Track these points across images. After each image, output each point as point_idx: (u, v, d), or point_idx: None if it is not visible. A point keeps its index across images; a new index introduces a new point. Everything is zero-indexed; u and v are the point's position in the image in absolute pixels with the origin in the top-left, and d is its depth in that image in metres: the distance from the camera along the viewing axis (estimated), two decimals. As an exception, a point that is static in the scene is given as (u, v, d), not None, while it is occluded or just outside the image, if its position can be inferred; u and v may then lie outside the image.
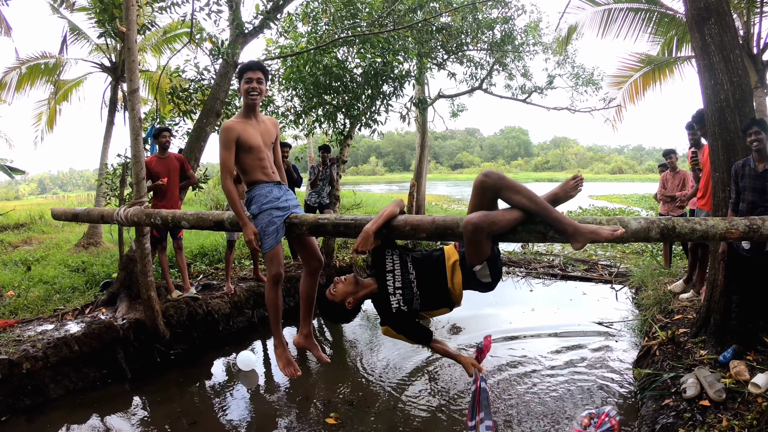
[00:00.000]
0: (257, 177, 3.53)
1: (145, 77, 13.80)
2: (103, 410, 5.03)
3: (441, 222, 2.93)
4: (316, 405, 5.08)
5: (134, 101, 5.48)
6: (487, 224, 2.65)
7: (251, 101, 3.55)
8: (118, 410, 5.06)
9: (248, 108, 3.59)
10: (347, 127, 10.26)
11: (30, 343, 5.36)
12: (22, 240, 12.99)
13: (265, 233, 3.40)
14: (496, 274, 2.98)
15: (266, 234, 3.40)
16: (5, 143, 17.19)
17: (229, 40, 7.61)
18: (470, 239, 2.70)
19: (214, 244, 9.77)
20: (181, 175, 6.95)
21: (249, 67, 3.57)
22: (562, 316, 7.49)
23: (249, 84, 3.52)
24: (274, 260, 3.44)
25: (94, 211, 5.30)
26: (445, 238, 3.02)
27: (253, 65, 3.57)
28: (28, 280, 7.92)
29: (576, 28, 10.27)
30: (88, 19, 12.27)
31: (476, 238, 2.67)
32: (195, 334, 6.74)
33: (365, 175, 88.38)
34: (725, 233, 2.73)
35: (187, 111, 8.26)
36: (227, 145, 3.44)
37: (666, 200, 8.10)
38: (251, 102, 3.56)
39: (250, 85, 3.51)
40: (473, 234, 2.66)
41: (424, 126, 17.14)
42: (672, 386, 4.35)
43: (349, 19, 9.58)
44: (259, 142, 3.54)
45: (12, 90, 12.72)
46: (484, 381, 3.08)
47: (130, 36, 5.41)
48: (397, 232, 3.00)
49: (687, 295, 6.41)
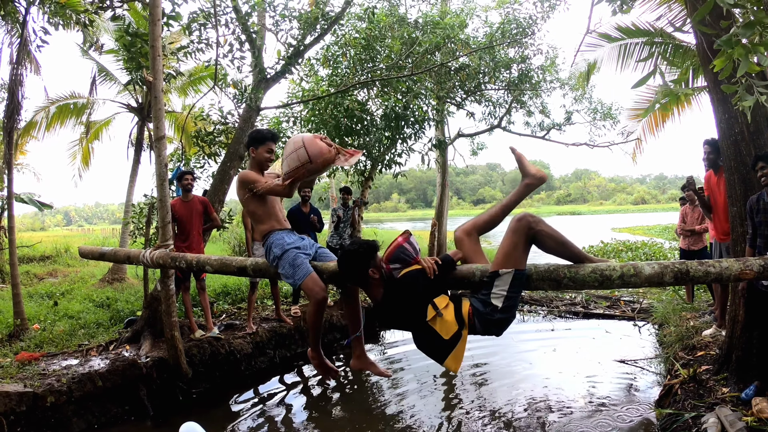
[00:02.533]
0: (271, 226, 3.73)
1: (170, 118, 14.15)
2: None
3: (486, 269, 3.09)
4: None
5: (161, 147, 5.66)
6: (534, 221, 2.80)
7: (267, 167, 3.96)
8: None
9: (262, 167, 3.93)
10: (368, 169, 10.40)
11: (55, 377, 5.47)
12: (48, 272, 13.19)
13: (294, 266, 3.50)
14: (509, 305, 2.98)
15: (296, 267, 3.50)
16: (33, 177, 17.64)
17: (251, 85, 7.84)
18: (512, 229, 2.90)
19: (237, 284, 9.87)
20: (205, 218, 7.12)
21: (274, 139, 3.97)
22: (583, 355, 7.42)
23: (270, 155, 3.91)
24: (313, 288, 3.49)
25: (121, 252, 5.45)
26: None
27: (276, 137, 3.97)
28: (53, 314, 8.06)
29: (595, 65, 10.36)
30: (116, 61, 12.70)
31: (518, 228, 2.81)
32: (217, 373, 6.80)
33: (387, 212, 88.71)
34: (740, 274, 2.76)
35: (211, 153, 8.47)
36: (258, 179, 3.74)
37: (686, 234, 8.05)
38: (266, 167, 3.96)
39: (270, 156, 3.92)
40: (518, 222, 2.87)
41: (444, 165, 17.25)
42: (693, 426, 4.30)
43: (368, 61, 9.79)
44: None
45: (42, 129, 13.14)
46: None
47: (156, 85, 5.61)
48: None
49: (709, 331, 6.34)
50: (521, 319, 9.63)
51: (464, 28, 12.90)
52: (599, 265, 2.84)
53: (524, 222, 2.89)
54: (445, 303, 3.07)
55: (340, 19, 8.86)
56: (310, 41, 8.27)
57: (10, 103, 7.34)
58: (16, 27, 7.75)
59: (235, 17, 7.76)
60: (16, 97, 7.37)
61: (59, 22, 7.87)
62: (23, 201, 11.38)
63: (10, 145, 7.46)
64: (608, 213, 63.82)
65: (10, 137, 7.45)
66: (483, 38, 14.04)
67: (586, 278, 2.84)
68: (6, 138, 7.42)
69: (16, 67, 7.41)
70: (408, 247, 3.18)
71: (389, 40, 10.63)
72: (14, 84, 7.36)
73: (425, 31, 11.29)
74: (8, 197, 7.40)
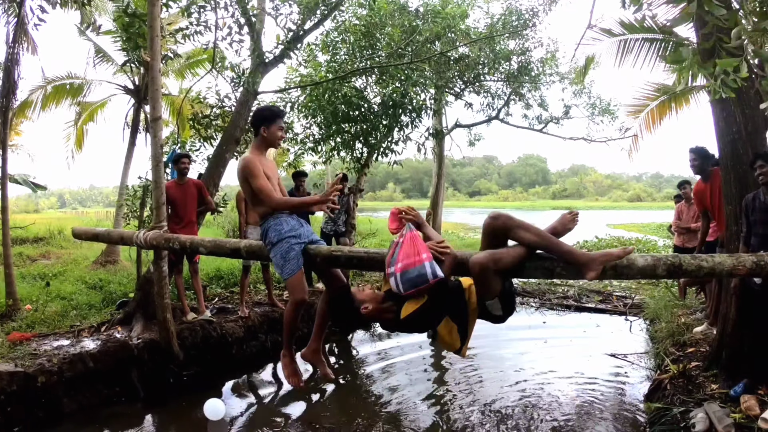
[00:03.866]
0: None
1: (166, 101, 14.05)
2: (115, 427, 5.10)
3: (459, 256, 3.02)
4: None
5: (157, 128, 5.64)
6: (493, 262, 2.73)
7: (278, 146, 3.90)
8: (129, 428, 5.12)
9: (268, 147, 3.82)
10: (364, 156, 10.38)
11: (46, 357, 5.45)
12: (41, 254, 13.10)
13: (285, 260, 3.48)
14: (508, 308, 3.03)
15: (287, 260, 3.48)
16: (28, 158, 17.54)
17: (249, 69, 7.79)
18: (478, 278, 2.78)
19: (231, 268, 9.85)
20: (200, 201, 7.09)
21: (282, 115, 3.90)
22: (575, 347, 7.45)
23: (282, 131, 3.79)
24: (297, 287, 3.50)
25: (115, 233, 5.44)
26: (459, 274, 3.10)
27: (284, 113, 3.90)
28: (46, 295, 8.04)
29: (593, 59, 10.33)
30: (113, 42, 12.58)
31: (484, 276, 2.75)
32: (208, 356, 6.79)
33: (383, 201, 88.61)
34: (732, 270, 2.76)
35: (207, 137, 8.43)
36: (259, 174, 3.62)
37: (681, 232, 8.06)
38: (278, 146, 3.89)
39: (283, 133, 3.80)
40: (480, 274, 2.74)
41: (441, 155, 17.25)
42: (681, 421, 4.33)
43: (368, 49, 9.74)
44: (275, 175, 3.70)
45: (38, 109, 13.00)
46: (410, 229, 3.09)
47: (153, 66, 5.57)
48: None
49: (701, 328, 6.36)
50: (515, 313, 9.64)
51: (465, 18, 12.87)
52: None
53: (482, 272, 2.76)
54: (448, 329, 3.12)
55: (340, 5, 8.82)
56: (309, 26, 8.22)
57: (6, 83, 7.27)
58: (13, 6, 7.65)
59: (235, 0, 7.70)
60: (13, 77, 7.31)
61: (57, 0, 7.79)
62: (17, 182, 11.31)
63: (5, 124, 7.40)
64: (604, 209, 63.86)
65: (5, 117, 7.38)
66: (484, 29, 14.02)
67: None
68: (1, 117, 7.36)
69: (12, 46, 7.34)
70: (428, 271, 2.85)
71: (389, 28, 10.58)
72: (11, 63, 7.29)
73: (426, 20, 11.26)
74: (2, 177, 7.34)
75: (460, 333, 3.13)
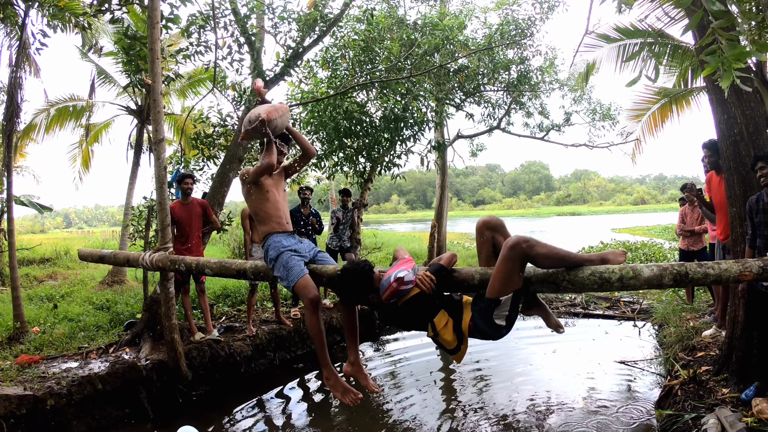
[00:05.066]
0: (271, 228, 3.74)
1: (169, 120, 14.15)
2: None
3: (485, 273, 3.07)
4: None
5: (160, 150, 5.67)
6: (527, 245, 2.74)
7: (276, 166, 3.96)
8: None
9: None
10: (367, 170, 10.41)
11: (54, 380, 5.48)
12: (47, 275, 13.16)
13: (288, 269, 3.50)
14: (511, 318, 3.04)
15: (289, 268, 3.50)
16: (33, 179, 17.64)
17: (250, 87, 7.84)
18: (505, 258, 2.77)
19: (237, 286, 9.86)
20: (204, 220, 7.12)
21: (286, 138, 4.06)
22: (584, 356, 7.42)
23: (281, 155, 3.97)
24: (305, 288, 3.50)
25: (120, 255, 5.46)
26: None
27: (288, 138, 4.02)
28: (53, 316, 8.06)
29: (594, 66, 10.36)
30: (115, 63, 12.69)
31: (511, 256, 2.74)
32: (217, 375, 6.80)
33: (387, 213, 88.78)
34: (739, 276, 2.76)
35: (210, 156, 8.48)
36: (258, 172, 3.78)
37: (686, 235, 8.05)
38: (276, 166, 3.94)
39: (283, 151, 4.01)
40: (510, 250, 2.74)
41: (443, 167, 17.24)
42: (693, 427, 4.29)
43: (367, 63, 9.79)
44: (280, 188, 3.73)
45: (42, 131, 13.10)
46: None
47: (155, 88, 5.62)
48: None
49: (710, 332, 6.33)
50: (521, 318, 9.61)
51: (463, 30, 12.91)
52: (598, 267, 2.83)
53: (518, 250, 2.84)
54: (444, 321, 3.15)
55: (338, 21, 8.87)
56: (309, 43, 8.28)
57: (9, 106, 7.35)
58: (15, 30, 7.75)
59: (234, 19, 7.78)
60: (16, 100, 7.38)
61: (58, 24, 7.88)
62: (23, 203, 11.40)
63: (10, 147, 7.47)
64: (608, 213, 63.79)
65: (10, 140, 7.46)
66: (482, 40, 14.05)
67: (585, 281, 2.84)
68: (5, 141, 7.43)
69: (15, 69, 7.42)
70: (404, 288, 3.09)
71: (388, 42, 10.64)
72: (13, 87, 7.37)
73: (424, 32, 11.29)
74: (8, 200, 7.40)
75: (455, 331, 3.15)
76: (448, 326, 3.13)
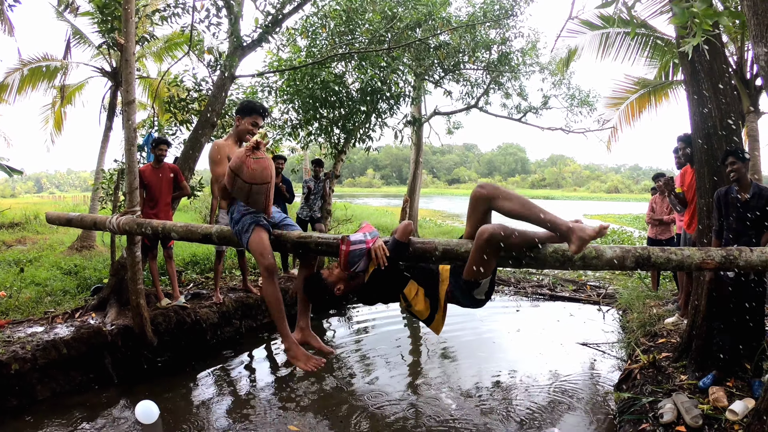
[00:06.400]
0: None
1: (144, 83, 13.88)
2: (88, 414, 5.06)
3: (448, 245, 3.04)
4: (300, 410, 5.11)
5: (130, 112, 5.56)
6: (503, 233, 2.70)
7: (247, 140, 3.76)
8: (103, 415, 5.08)
9: (239, 138, 3.83)
10: (342, 142, 10.35)
11: (19, 344, 5.41)
12: (16, 239, 12.94)
13: (244, 225, 3.45)
14: (490, 291, 3.05)
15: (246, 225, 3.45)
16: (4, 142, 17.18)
17: (227, 52, 7.71)
18: (480, 247, 2.74)
19: (207, 253, 9.81)
20: (175, 185, 7.03)
21: (263, 114, 3.85)
22: (547, 336, 7.54)
23: (254, 128, 3.79)
24: (260, 248, 3.40)
25: (88, 218, 5.36)
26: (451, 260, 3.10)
27: (266, 113, 3.85)
28: (20, 281, 7.94)
29: (576, 51, 10.38)
30: (92, 24, 12.34)
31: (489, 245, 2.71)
32: (182, 342, 6.78)
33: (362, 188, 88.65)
34: (701, 264, 2.79)
35: (183, 120, 8.34)
36: (220, 162, 3.59)
37: (654, 224, 8.18)
38: (246, 140, 3.78)
39: (253, 129, 3.79)
40: (486, 241, 2.70)
41: (419, 142, 17.25)
42: (650, 410, 4.38)
43: (347, 34, 9.68)
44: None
45: (14, 92, 12.73)
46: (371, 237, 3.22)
47: (128, 48, 5.49)
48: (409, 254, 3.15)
49: (672, 319, 6.45)
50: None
51: (447, 6, 12.82)
52: (560, 245, 2.84)
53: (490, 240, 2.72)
54: (414, 291, 3.14)
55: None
56: (289, 10, 8.11)
57: (-20, 64, 7.13)
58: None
59: (213, -18, 7.60)
60: (-13, 58, 7.17)
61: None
62: (-7, 166, 11.12)
63: (-20, 107, 7.27)
64: (582, 199, 64.49)
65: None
66: (465, 18, 13.98)
67: (547, 258, 2.84)
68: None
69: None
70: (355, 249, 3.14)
71: (370, 14, 10.52)
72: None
73: (407, 6, 11.19)
74: (-24, 160, 7.23)
75: (429, 298, 3.16)
76: (419, 295, 3.13)
